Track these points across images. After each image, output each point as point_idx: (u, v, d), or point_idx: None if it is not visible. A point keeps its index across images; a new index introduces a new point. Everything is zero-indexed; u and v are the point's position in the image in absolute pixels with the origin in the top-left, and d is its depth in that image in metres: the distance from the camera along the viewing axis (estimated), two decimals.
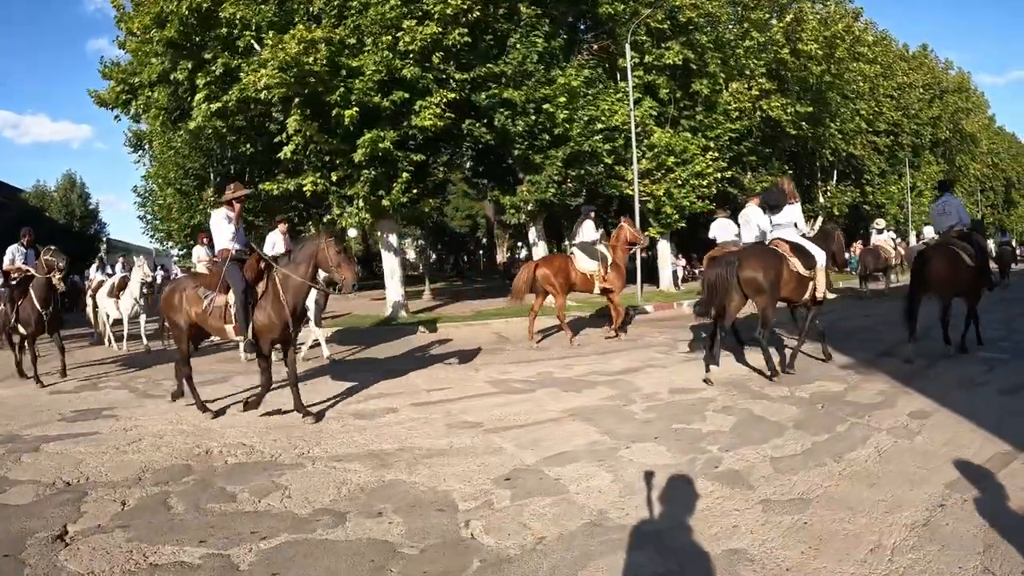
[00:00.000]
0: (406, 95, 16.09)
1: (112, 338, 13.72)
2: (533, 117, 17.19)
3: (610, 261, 11.29)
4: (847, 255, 32.03)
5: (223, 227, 6.94)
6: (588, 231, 11.58)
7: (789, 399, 7.08)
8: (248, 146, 18.49)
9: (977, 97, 50.22)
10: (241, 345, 10.00)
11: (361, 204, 16.72)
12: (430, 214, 20.14)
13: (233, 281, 6.50)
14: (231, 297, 6.47)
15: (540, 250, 20.05)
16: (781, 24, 22.42)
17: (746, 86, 22.06)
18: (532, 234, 20.01)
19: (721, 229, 12.74)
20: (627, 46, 19.27)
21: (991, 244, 23.68)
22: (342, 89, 15.75)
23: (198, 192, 27.29)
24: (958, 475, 4.67)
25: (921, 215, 34.03)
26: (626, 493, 4.48)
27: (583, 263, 11.19)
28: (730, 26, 22.67)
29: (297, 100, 15.88)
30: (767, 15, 22.96)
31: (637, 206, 19.03)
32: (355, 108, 15.66)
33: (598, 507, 4.26)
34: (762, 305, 7.61)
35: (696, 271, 29.73)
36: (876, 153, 30.23)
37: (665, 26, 20.86)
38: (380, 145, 15.98)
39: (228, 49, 16.40)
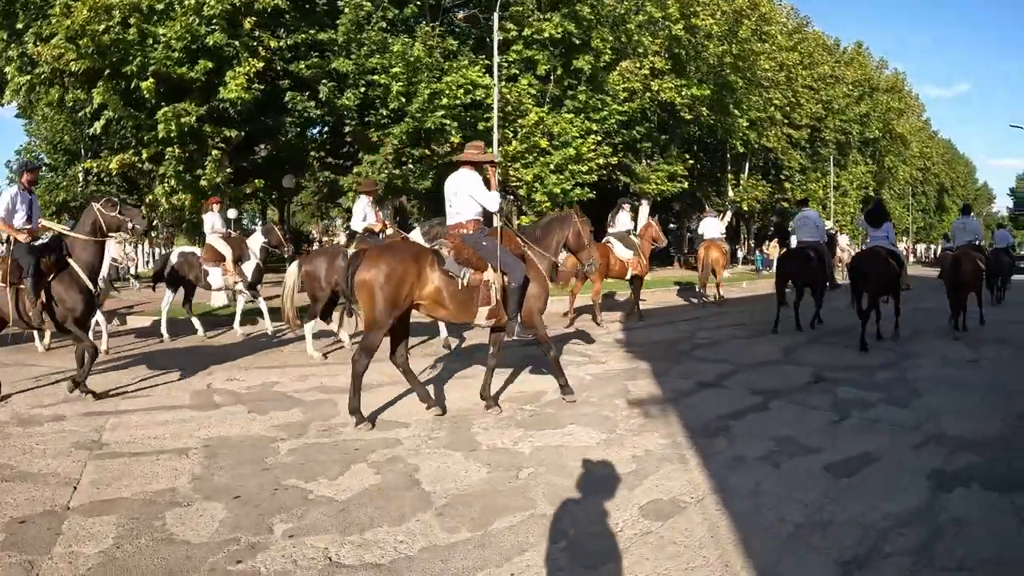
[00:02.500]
0: (210, 64, 14.14)
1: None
2: (363, 90, 14.92)
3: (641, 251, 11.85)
4: (761, 254, 30.04)
5: (478, 192, 5.61)
6: (623, 221, 12.20)
7: (496, 454, 4.48)
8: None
9: (911, 99, 49.03)
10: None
11: (174, 183, 14.93)
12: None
13: (508, 260, 5.56)
14: (490, 276, 5.49)
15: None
16: None
17: (637, 65, 19.46)
18: None
19: (708, 227, 15.01)
20: (495, 15, 16.53)
21: None
22: (139, 59, 13.95)
23: (67, 167, 26.17)
24: None
25: (846, 215, 32.03)
26: None
27: (621, 251, 11.61)
28: None
29: (107, 72, 14.18)
30: None
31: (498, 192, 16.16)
32: (151, 79, 13.91)
33: None
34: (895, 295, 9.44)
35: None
36: (794, 147, 27.87)
37: None
38: (183, 120, 14.07)
39: (41, 19, 14.47)
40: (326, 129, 18.51)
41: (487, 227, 5.78)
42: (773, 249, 31.78)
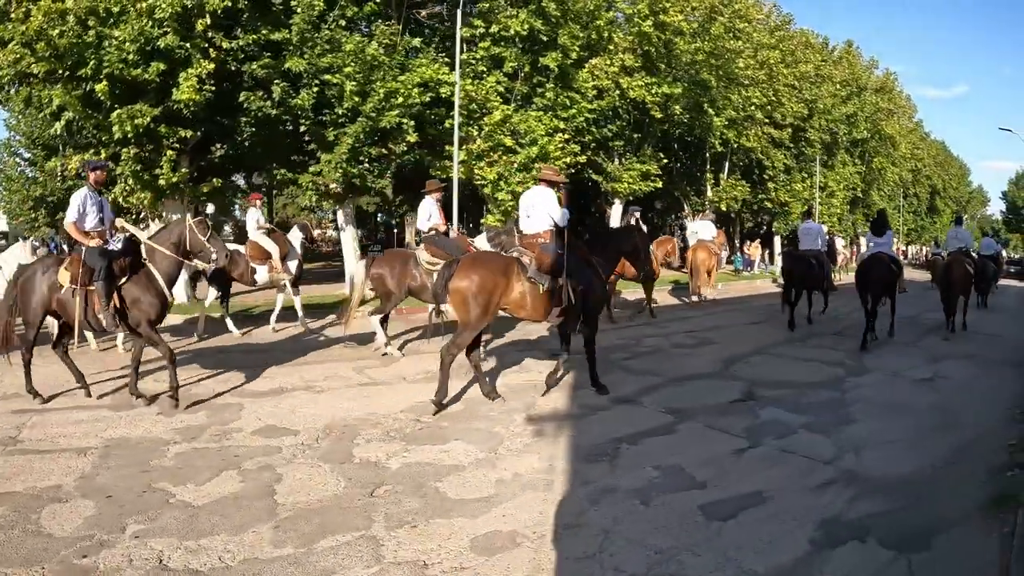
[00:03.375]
0: (162, 66, 13.97)
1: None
2: (317, 89, 14.59)
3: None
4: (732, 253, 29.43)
5: (553, 208, 6.30)
6: None
7: (363, 468, 3.90)
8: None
9: (902, 100, 48.28)
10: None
11: (131, 183, 14.84)
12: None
13: (575, 266, 6.15)
14: (563, 280, 6.07)
15: (348, 235, 17.13)
16: None
17: (607, 62, 18.90)
18: (340, 218, 17.17)
19: (703, 228, 15.28)
20: (458, 11, 16.03)
21: None
22: (93, 61, 13.91)
23: (43, 162, 25.23)
24: None
25: (832, 216, 31.41)
26: None
27: None
28: None
29: (67, 75, 14.20)
30: None
31: (456, 191, 15.96)
32: (104, 81, 13.84)
33: None
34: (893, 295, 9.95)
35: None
36: (777, 147, 27.19)
37: None
38: (137, 121, 14.04)
39: (5, 22, 14.13)
40: (288, 127, 18.15)
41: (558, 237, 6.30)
42: (755, 250, 31.31)
